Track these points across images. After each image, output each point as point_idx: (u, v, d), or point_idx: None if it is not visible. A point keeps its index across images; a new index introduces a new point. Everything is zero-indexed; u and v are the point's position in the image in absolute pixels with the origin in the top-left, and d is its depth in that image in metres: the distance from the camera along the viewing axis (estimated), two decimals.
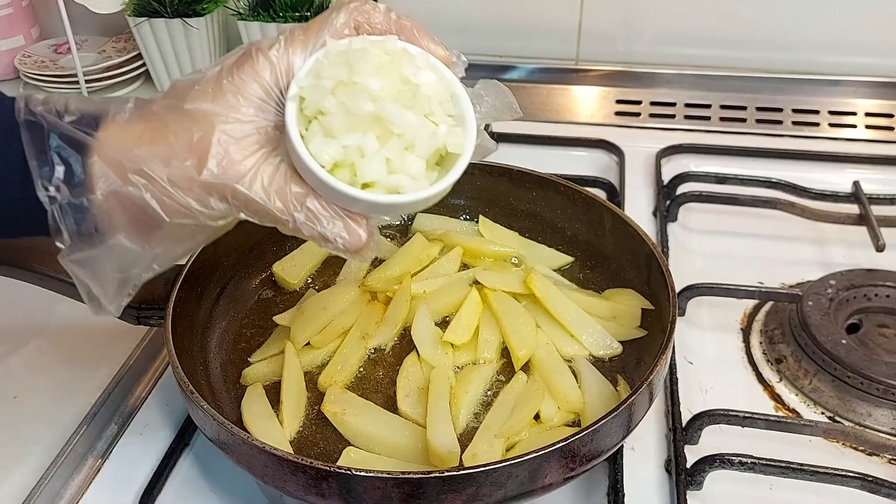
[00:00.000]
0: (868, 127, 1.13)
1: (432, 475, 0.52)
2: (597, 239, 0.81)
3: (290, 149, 0.47)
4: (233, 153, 0.45)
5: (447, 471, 0.52)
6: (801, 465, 0.62)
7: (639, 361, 0.70)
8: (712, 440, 0.67)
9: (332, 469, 0.52)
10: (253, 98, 0.47)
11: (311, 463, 0.52)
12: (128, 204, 0.46)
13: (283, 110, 0.47)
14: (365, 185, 0.47)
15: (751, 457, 0.62)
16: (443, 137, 0.49)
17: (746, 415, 0.66)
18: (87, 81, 1.22)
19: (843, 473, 0.61)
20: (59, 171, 0.45)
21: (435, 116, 0.49)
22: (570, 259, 0.83)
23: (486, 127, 0.51)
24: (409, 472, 0.52)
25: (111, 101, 0.47)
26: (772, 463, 0.62)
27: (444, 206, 0.87)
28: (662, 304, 0.68)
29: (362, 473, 0.52)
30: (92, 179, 0.45)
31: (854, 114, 1.15)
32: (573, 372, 0.69)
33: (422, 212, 0.88)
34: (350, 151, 0.47)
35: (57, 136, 0.45)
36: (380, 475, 0.52)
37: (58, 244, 0.46)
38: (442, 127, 0.49)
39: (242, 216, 0.48)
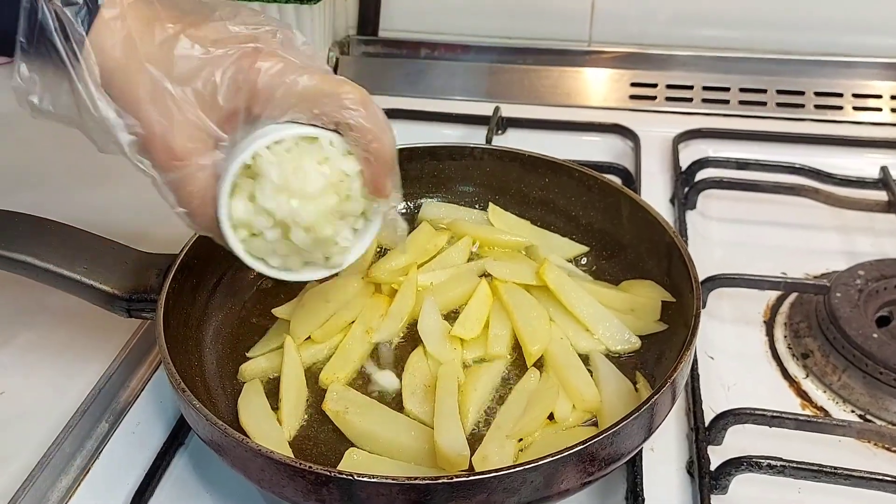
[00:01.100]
0: (894, 110, 1.10)
1: (440, 481, 0.49)
2: (613, 227, 0.78)
3: (219, 185, 0.53)
4: (176, 140, 0.50)
5: (456, 476, 0.50)
6: (836, 468, 0.58)
7: (659, 357, 0.68)
8: (734, 440, 0.65)
9: (332, 474, 0.50)
10: (224, 97, 0.50)
11: (310, 468, 0.50)
12: None
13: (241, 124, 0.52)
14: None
15: (781, 459, 0.59)
16: (329, 256, 0.58)
17: (775, 414, 0.63)
18: None
19: (882, 478, 0.57)
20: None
21: (338, 230, 0.57)
22: (584, 248, 0.81)
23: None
24: (416, 478, 0.50)
25: None
26: (803, 466, 0.59)
27: (452, 194, 0.86)
28: (684, 296, 0.66)
29: (365, 479, 0.49)
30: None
31: (879, 97, 1.12)
32: (589, 368, 0.67)
33: (429, 199, 0.87)
34: (256, 225, 0.54)
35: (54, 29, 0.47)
36: (384, 481, 0.49)
37: None
38: (335, 248, 0.57)
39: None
